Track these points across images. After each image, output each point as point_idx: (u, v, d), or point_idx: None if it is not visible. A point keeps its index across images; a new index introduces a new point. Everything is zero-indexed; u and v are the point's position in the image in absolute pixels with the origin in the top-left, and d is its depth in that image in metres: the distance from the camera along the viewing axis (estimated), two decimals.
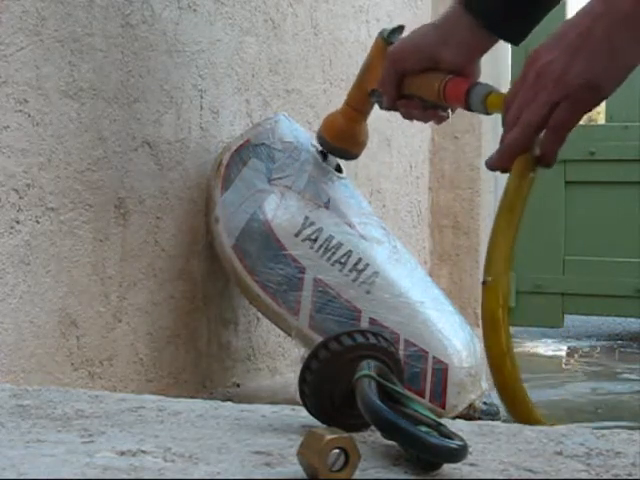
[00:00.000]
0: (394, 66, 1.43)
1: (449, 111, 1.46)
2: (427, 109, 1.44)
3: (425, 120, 1.48)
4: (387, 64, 1.45)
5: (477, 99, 1.33)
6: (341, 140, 1.78)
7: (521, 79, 1.19)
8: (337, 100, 2.13)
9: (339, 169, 2.00)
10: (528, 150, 1.18)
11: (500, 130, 1.22)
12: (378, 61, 1.57)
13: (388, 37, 1.60)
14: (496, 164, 1.22)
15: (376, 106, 1.66)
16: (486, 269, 1.16)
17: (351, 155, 1.82)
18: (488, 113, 1.34)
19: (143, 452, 0.95)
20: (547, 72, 1.15)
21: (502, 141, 1.21)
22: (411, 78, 1.43)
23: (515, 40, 1.38)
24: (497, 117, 1.29)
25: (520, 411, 1.19)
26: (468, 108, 1.36)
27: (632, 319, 3.54)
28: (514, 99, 1.18)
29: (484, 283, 1.15)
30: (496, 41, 1.36)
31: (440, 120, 1.47)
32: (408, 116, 1.49)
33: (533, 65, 1.17)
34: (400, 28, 1.61)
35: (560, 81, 1.14)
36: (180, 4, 1.94)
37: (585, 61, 1.13)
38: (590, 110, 1.17)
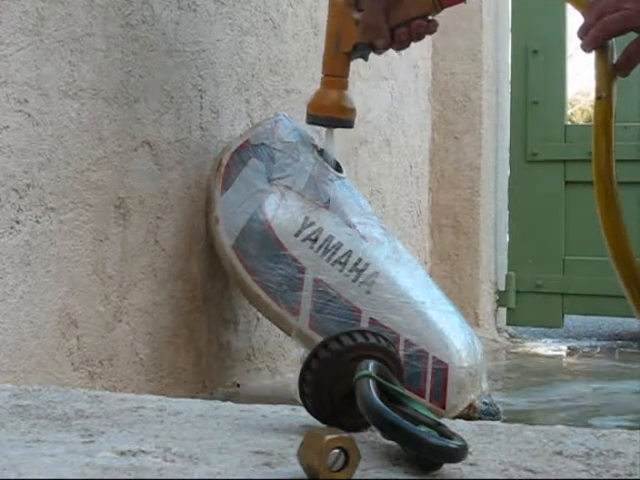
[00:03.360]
0: (378, 2, 1.57)
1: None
2: (429, 21, 1.58)
3: (425, 35, 1.60)
4: (369, 6, 1.58)
5: None
6: (339, 110, 1.75)
7: None
8: None
9: (339, 169, 1.99)
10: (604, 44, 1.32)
11: (500, 131, 1.25)
12: (347, 20, 1.63)
13: None
14: (584, 48, 1.35)
15: (375, 104, 1.68)
16: (597, 90, 1.34)
17: (348, 122, 1.78)
18: None
19: (143, 452, 0.95)
20: None
21: (583, 30, 1.34)
22: (395, 8, 1.57)
23: None
24: (497, 119, 1.31)
25: (611, 216, 1.37)
26: None
27: (632, 319, 3.53)
28: (599, 2, 1.32)
29: (599, 98, 1.33)
30: None
31: (435, 29, 1.60)
32: (409, 41, 1.60)
33: None
34: None
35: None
36: (180, 4, 1.94)
37: None
38: None
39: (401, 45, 1.60)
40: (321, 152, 1.97)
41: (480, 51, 3.25)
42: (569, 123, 3.41)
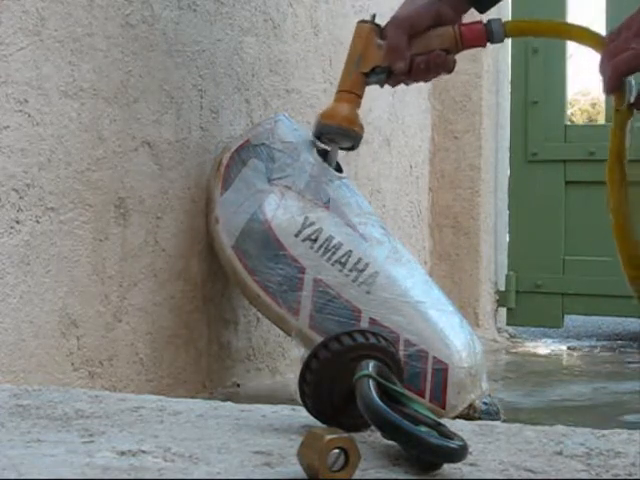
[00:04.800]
0: (403, 29, 1.62)
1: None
2: (448, 55, 1.62)
3: (444, 68, 1.63)
4: (394, 31, 1.63)
5: (498, 28, 1.59)
6: (349, 122, 1.75)
7: (625, 25, 1.35)
8: None
9: (339, 169, 1.99)
10: (622, 85, 1.36)
11: (500, 131, 1.25)
12: (371, 44, 1.67)
13: (373, 20, 1.70)
14: (604, 92, 1.39)
15: (375, 104, 1.68)
16: (616, 103, 1.38)
17: (357, 137, 1.78)
18: (502, 40, 1.61)
19: (143, 452, 0.95)
20: None
21: (600, 71, 1.37)
22: (417, 39, 1.62)
23: (482, 10, 1.69)
24: (497, 119, 1.32)
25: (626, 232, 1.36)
26: (488, 40, 1.61)
27: (632, 319, 3.53)
28: (614, 39, 1.35)
29: (617, 110, 1.38)
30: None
31: (452, 67, 1.64)
32: (427, 70, 1.64)
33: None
34: (374, 16, 1.72)
35: None
36: (180, 4, 1.94)
37: None
38: None
39: (418, 74, 1.64)
40: (321, 152, 1.96)
41: (480, 51, 3.25)
42: (569, 123, 3.41)
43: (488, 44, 1.64)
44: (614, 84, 1.35)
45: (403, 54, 1.62)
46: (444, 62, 1.63)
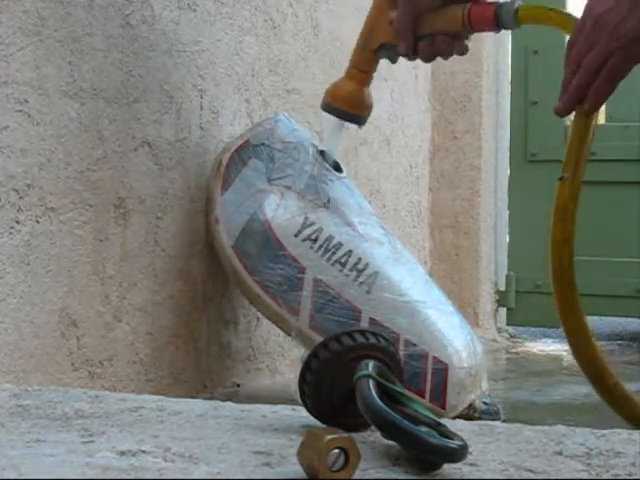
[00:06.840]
0: (410, 8, 1.50)
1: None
2: (455, 40, 1.50)
3: (450, 53, 1.52)
4: (402, 9, 1.51)
5: (508, 15, 1.44)
6: (352, 104, 1.74)
7: (579, 26, 1.24)
8: None
9: (339, 169, 2.00)
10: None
11: (500, 131, 1.25)
12: (382, 17, 1.60)
13: None
14: (564, 111, 1.29)
15: (375, 104, 1.68)
16: (564, 168, 1.32)
17: (358, 118, 1.77)
18: (518, 26, 1.46)
19: (143, 452, 0.95)
20: (603, 22, 1.20)
21: (564, 86, 1.27)
22: (427, 17, 1.51)
23: None
24: (497, 119, 1.31)
25: (565, 294, 1.33)
26: (497, 26, 1.47)
27: (632, 319, 3.53)
28: (573, 46, 1.24)
29: (561, 178, 1.32)
30: None
31: (463, 50, 1.53)
32: (431, 55, 1.53)
33: (590, 13, 1.22)
34: None
35: (615, 32, 1.19)
36: (180, 4, 1.94)
37: None
38: None
39: (424, 58, 1.54)
40: (321, 152, 1.97)
41: (480, 51, 3.24)
42: (569, 123, 3.40)
43: (502, 30, 1.51)
44: (586, 90, 1.23)
45: (407, 36, 1.51)
46: (449, 48, 1.50)
